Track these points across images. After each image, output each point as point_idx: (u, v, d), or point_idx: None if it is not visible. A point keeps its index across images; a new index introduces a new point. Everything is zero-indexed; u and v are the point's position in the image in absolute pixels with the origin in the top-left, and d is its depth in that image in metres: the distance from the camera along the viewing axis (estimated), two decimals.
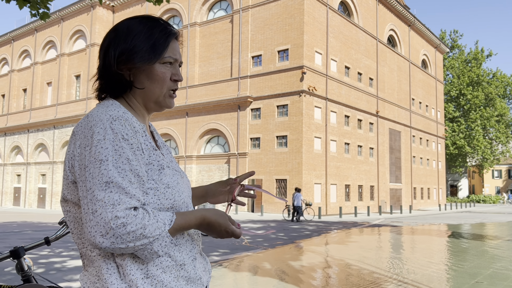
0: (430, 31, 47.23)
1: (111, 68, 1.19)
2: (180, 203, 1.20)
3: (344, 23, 33.11)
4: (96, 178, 1.04)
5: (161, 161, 1.19)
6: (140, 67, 1.19)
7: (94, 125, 1.09)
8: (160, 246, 1.08)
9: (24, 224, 18.42)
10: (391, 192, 38.32)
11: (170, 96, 1.27)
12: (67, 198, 1.17)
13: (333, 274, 7.12)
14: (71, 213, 1.18)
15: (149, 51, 1.19)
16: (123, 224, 1.01)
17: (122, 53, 1.18)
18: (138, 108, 1.25)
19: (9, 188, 45.64)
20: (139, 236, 1.02)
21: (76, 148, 1.11)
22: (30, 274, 1.84)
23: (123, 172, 1.05)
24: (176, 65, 1.27)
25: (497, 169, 71.69)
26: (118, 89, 1.22)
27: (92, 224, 1.02)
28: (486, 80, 58.38)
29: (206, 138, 33.09)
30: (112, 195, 1.02)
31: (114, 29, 1.23)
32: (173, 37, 1.26)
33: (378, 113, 36.70)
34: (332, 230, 16.05)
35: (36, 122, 43.12)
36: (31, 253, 9.15)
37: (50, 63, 44.23)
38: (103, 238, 1.01)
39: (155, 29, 1.23)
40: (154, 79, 1.21)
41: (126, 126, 1.11)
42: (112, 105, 1.16)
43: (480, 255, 9.35)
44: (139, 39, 1.19)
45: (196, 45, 34.45)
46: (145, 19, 1.25)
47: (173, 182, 1.19)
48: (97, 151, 1.06)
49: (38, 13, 7.02)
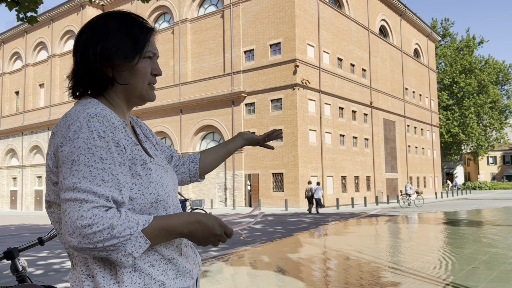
0: (422, 20, 47.27)
1: (92, 65, 1.17)
2: (165, 197, 1.19)
3: (335, 15, 33.07)
4: (67, 179, 1.03)
5: (143, 156, 1.19)
6: (123, 64, 1.19)
7: (71, 124, 1.08)
8: (134, 248, 1.03)
9: (22, 227, 18.37)
10: (388, 182, 38.49)
11: (151, 89, 1.27)
12: (50, 199, 1.16)
13: (332, 265, 7.16)
14: (55, 213, 1.17)
15: (131, 48, 1.19)
16: (88, 224, 0.99)
17: (104, 50, 1.17)
18: (117, 104, 1.24)
19: (5, 191, 45.44)
20: (106, 236, 1.00)
21: (54, 148, 1.10)
22: (25, 274, 1.84)
23: (95, 171, 1.04)
24: (155, 59, 1.28)
25: (492, 155, 72.12)
26: (99, 86, 1.20)
27: (63, 223, 1.02)
28: (478, 67, 58.56)
29: (201, 135, 33.05)
30: (80, 195, 1.01)
31: (90, 25, 1.21)
32: (152, 32, 1.27)
33: (372, 104, 36.77)
34: (329, 222, 16.12)
35: (30, 125, 42.88)
36: (29, 255, 9.14)
37: (41, 65, 43.94)
38: (70, 237, 1.00)
39: (134, 26, 1.23)
40: (136, 74, 1.22)
41: (104, 123, 1.09)
42: (90, 103, 1.15)
43: (477, 241, 9.43)
44: (119, 36, 1.19)
45: (187, 41, 34.31)
46: (121, 15, 1.24)
47: (156, 177, 1.18)
48: (69, 151, 1.05)
49: (26, 17, 6.94)
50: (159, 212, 1.18)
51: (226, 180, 30.86)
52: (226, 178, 30.93)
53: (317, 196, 22.94)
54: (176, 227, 1.10)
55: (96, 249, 1.01)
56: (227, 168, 30.75)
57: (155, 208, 1.16)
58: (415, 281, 5.62)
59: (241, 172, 29.92)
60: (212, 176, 31.86)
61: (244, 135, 1.66)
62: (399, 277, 5.93)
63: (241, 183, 29.88)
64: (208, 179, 32.07)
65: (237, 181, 30.10)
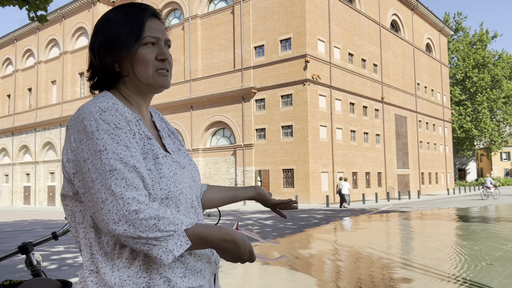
0: (434, 14, 46.68)
1: (96, 61, 1.18)
2: (177, 194, 1.15)
3: (346, 10, 32.82)
4: (100, 169, 1.02)
5: (156, 150, 1.17)
6: (123, 54, 1.17)
7: (84, 118, 1.07)
8: (175, 245, 1.01)
9: (35, 222, 18.62)
10: (399, 178, 38.22)
11: (159, 74, 1.20)
12: (65, 193, 1.16)
13: (343, 261, 7.13)
14: (69, 206, 1.16)
15: (127, 36, 1.16)
16: (135, 211, 0.98)
17: (101, 44, 1.17)
18: (131, 97, 1.23)
19: (19, 187, 46.09)
20: (152, 226, 0.99)
21: (71, 142, 1.09)
22: (39, 268, 1.86)
23: (125, 158, 1.04)
24: (160, 44, 1.21)
25: (505, 151, 71.14)
26: (109, 81, 1.21)
27: (104, 212, 0.99)
28: (492, 62, 57.68)
29: (211, 131, 33.12)
30: (119, 182, 1.00)
31: (95, 24, 1.23)
32: (147, 16, 1.20)
33: (383, 99, 36.48)
34: (340, 218, 16.07)
35: (42, 121, 43.37)
36: (43, 250, 9.26)
37: (53, 62, 44.36)
38: (115, 225, 0.99)
39: (130, 13, 1.19)
40: (136, 63, 1.17)
41: (117, 116, 1.09)
42: (102, 97, 1.15)
43: (490, 238, 9.32)
44: (115, 27, 1.17)
45: (198, 37, 34.34)
46: (121, 6, 1.22)
47: (169, 173, 1.15)
48: (93, 143, 1.04)
49: (36, 16, 6.99)
50: (170, 209, 1.13)
51: (237, 176, 30.90)
52: (236, 174, 30.97)
53: (343, 191, 23.60)
54: (213, 240, 1.08)
55: (140, 239, 0.99)
56: (237, 164, 30.80)
57: (166, 204, 1.12)
58: (426, 277, 5.57)
59: (252, 168, 29.93)
60: (222, 172, 31.94)
61: (258, 189, 1.54)
62: (409, 273, 5.89)
63: (252, 179, 29.90)
64: (218, 175, 32.16)
65: (247, 177, 30.14)
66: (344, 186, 23.62)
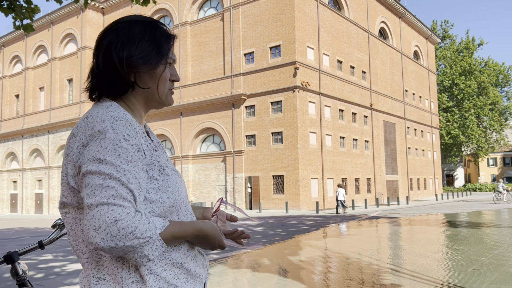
0: (421, 22, 47.32)
1: (115, 70, 1.19)
2: (180, 202, 1.23)
3: (335, 17, 33.12)
4: (93, 177, 1.06)
5: (161, 161, 1.22)
6: (150, 70, 1.23)
7: (95, 125, 1.10)
8: (150, 250, 1.07)
9: (22, 230, 18.35)
10: (388, 184, 38.46)
11: (170, 93, 1.32)
12: (66, 201, 1.18)
13: (332, 268, 7.14)
14: (70, 214, 1.19)
15: (155, 55, 1.23)
16: (115, 219, 1.01)
17: (130, 57, 1.20)
18: (136, 109, 1.27)
19: (5, 195, 45.42)
20: (129, 235, 1.02)
21: (76, 148, 1.12)
22: (25, 278, 1.84)
23: (121, 171, 1.07)
24: (173, 65, 1.32)
25: (492, 157, 72.05)
26: (119, 89, 1.22)
27: (88, 218, 1.04)
28: (478, 69, 58.56)
29: (201, 138, 33.05)
30: (108, 191, 1.04)
31: (113, 29, 1.23)
32: (174, 40, 1.32)
33: (372, 106, 36.78)
34: (330, 224, 16.10)
35: (30, 128, 42.88)
36: (30, 258, 9.13)
37: (41, 68, 43.97)
38: (95, 232, 1.02)
39: (158, 33, 1.27)
40: (158, 80, 1.25)
41: (127, 127, 1.13)
42: (111, 106, 1.17)
43: (478, 243, 9.42)
44: (144, 43, 1.22)
45: (187, 44, 34.35)
46: (147, 23, 1.27)
47: (172, 182, 1.22)
48: (96, 150, 1.08)
49: (22, 24, 6.91)
50: (172, 217, 1.22)
51: (227, 183, 30.83)
52: (226, 180, 30.91)
53: (339, 198, 24.18)
54: (187, 237, 1.18)
55: (116, 249, 1.03)
56: (227, 171, 30.74)
57: (171, 212, 1.20)
58: (414, 283, 5.60)
59: (242, 175, 29.90)
60: (212, 179, 31.85)
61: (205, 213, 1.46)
62: (398, 279, 5.92)
63: (242, 185, 29.86)
64: (208, 181, 32.06)
65: (237, 184, 30.08)
66: (340, 192, 24.12)
